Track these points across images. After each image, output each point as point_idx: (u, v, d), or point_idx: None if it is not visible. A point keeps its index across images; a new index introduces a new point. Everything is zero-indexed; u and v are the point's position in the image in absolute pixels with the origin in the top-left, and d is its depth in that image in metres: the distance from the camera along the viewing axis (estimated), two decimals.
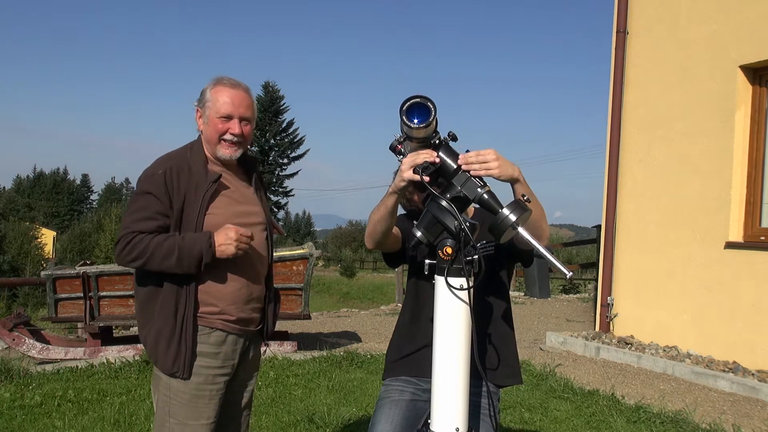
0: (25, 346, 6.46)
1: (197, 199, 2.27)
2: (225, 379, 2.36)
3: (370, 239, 2.16)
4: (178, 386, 2.28)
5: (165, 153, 2.42)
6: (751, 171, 6.00)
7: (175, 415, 2.29)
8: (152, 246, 2.20)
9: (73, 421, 4.38)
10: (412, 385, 2.26)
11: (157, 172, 2.28)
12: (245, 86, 2.38)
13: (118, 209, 41.83)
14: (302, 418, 4.40)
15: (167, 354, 2.25)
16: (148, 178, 2.29)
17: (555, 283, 13.73)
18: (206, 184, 2.28)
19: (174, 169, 2.28)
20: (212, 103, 2.31)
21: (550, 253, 1.76)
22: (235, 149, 2.35)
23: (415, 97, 1.79)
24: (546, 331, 7.67)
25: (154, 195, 2.25)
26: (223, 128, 2.31)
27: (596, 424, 4.45)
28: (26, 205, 71.18)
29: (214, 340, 2.32)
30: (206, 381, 2.30)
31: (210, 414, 2.31)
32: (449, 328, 1.83)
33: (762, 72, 6.00)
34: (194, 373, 2.28)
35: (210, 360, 2.30)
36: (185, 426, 2.28)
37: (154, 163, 2.36)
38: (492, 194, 1.82)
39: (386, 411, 2.22)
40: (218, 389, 2.34)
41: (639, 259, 6.90)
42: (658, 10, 6.85)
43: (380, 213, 2.04)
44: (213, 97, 2.32)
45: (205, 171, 2.31)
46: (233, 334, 2.36)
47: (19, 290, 26.01)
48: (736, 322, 5.91)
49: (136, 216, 2.27)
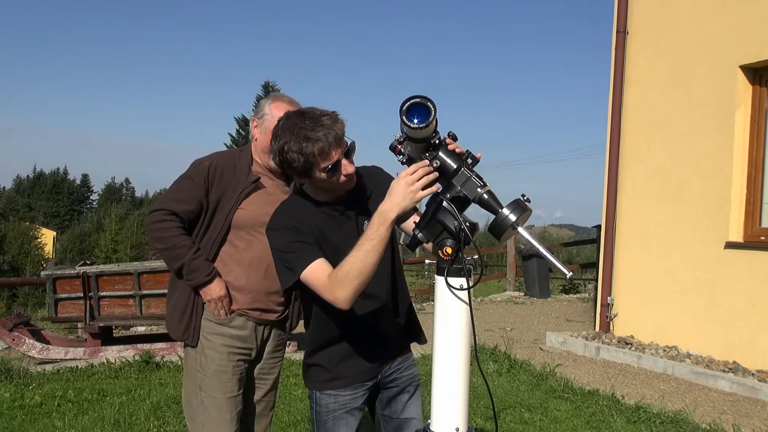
0: (25, 346, 6.46)
1: (234, 194, 2.54)
2: (244, 359, 2.64)
3: (356, 294, 1.88)
4: (204, 363, 2.59)
5: (218, 150, 2.78)
6: (751, 171, 6.00)
7: (204, 389, 2.59)
8: (171, 243, 2.52)
9: (73, 421, 4.38)
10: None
11: (203, 163, 2.58)
12: (299, 105, 2.59)
13: (118, 209, 41.79)
14: (302, 418, 4.40)
15: (180, 323, 2.60)
16: (195, 167, 2.60)
17: (555, 283, 13.72)
18: (246, 183, 2.56)
19: (220, 165, 2.57)
20: (270, 117, 2.53)
21: (550, 253, 1.75)
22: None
23: (415, 97, 1.78)
24: (546, 331, 7.67)
25: (195, 182, 2.55)
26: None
27: (596, 424, 4.45)
28: (26, 205, 71.14)
29: (231, 324, 2.59)
30: (227, 358, 2.58)
31: (234, 388, 2.60)
32: (449, 328, 1.83)
33: (762, 72, 6.01)
34: (215, 350, 2.58)
35: (228, 340, 2.59)
36: (212, 398, 2.57)
37: (208, 155, 2.65)
38: (492, 194, 1.81)
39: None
40: (238, 366, 2.61)
41: (639, 259, 6.90)
42: (658, 10, 6.85)
43: (378, 253, 1.85)
44: (271, 111, 2.55)
45: (248, 171, 2.59)
46: (251, 320, 2.62)
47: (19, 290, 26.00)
48: (736, 322, 5.91)
49: (173, 195, 2.59)
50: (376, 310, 2.15)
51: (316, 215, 2.09)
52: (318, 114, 1.97)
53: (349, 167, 2.02)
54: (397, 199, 1.81)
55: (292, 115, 2.00)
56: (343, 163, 2.00)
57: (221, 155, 2.65)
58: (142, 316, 6.66)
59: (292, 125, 1.96)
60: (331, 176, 1.99)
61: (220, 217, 2.55)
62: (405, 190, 1.79)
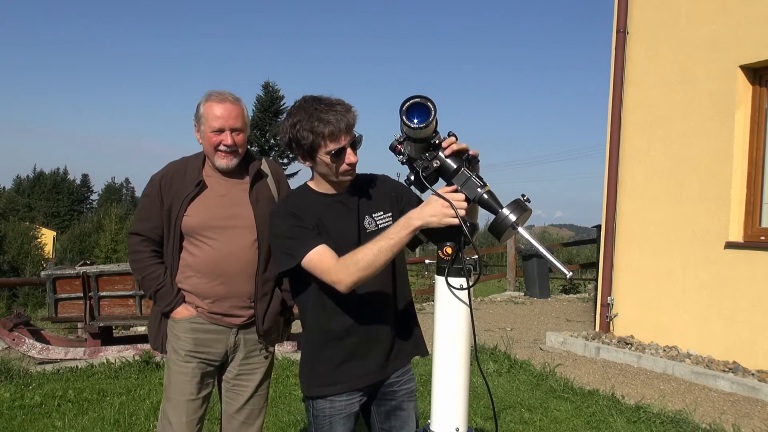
0: (25, 346, 6.46)
1: (179, 201, 2.54)
2: (207, 363, 2.62)
3: (359, 283, 1.93)
4: (168, 364, 2.64)
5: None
6: (751, 171, 6.00)
7: (167, 389, 2.65)
8: (143, 274, 2.62)
9: (73, 421, 4.38)
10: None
11: (156, 177, 2.61)
12: (233, 98, 2.56)
13: (118, 209, 41.88)
14: (302, 418, 4.40)
15: (152, 331, 2.69)
16: (149, 182, 2.63)
17: (555, 283, 13.71)
18: (190, 188, 2.54)
19: (169, 174, 2.59)
20: (205, 119, 2.51)
21: (550, 253, 1.75)
22: (230, 158, 2.55)
23: (415, 97, 1.78)
24: (546, 331, 7.67)
25: (150, 198, 2.60)
26: (216, 141, 2.52)
27: (596, 424, 4.45)
28: (26, 205, 71.14)
29: (191, 326, 2.59)
30: (185, 359, 2.59)
31: (192, 390, 2.59)
32: (449, 328, 1.83)
33: (762, 72, 6.00)
34: (175, 351, 2.60)
35: (187, 343, 2.59)
36: (170, 400, 2.61)
37: (164, 167, 2.66)
38: (492, 194, 1.82)
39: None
40: (198, 368, 2.59)
41: (639, 259, 6.90)
42: (658, 10, 6.85)
43: (391, 254, 1.89)
44: (205, 112, 2.52)
45: (196, 176, 2.56)
46: (213, 324, 2.60)
47: (19, 290, 26.02)
48: (736, 322, 5.91)
49: (138, 216, 2.68)
50: (373, 317, 2.14)
51: (317, 205, 2.12)
52: (333, 101, 2.05)
53: (352, 157, 2.06)
54: (428, 212, 1.82)
55: (308, 98, 2.08)
56: (348, 151, 2.04)
57: (174, 164, 2.65)
58: (142, 316, 6.66)
59: (308, 105, 2.04)
60: (334, 161, 2.04)
61: (172, 226, 2.56)
62: (440, 209, 1.80)
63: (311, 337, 2.18)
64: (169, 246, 2.58)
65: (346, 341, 2.13)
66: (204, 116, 2.51)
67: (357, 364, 2.15)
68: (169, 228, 2.56)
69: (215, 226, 2.53)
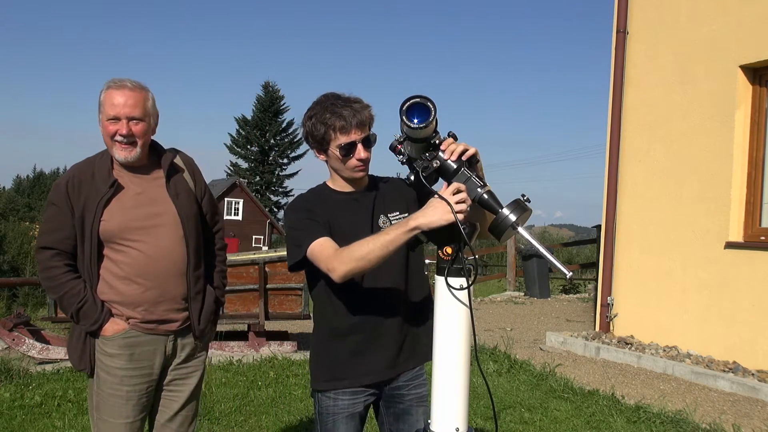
0: (25, 346, 6.46)
1: (93, 206, 2.31)
2: (144, 380, 2.41)
3: (351, 274, 1.95)
4: (98, 384, 2.39)
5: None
6: (751, 171, 6.00)
7: (98, 410, 2.41)
8: (60, 292, 2.35)
9: (73, 421, 4.38)
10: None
11: (61, 183, 2.36)
12: (132, 84, 2.34)
13: None
14: (302, 418, 4.40)
15: (74, 351, 2.41)
16: (54, 189, 2.38)
17: (555, 283, 13.70)
18: (104, 190, 2.33)
19: (76, 178, 2.35)
20: (102, 107, 2.33)
21: (550, 253, 1.75)
22: (129, 150, 2.34)
23: (415, 97, 1.78)
24: (546, 331, 7.67)
25: (58, 206, 2.35)
26: (112, 130, 2.31)
27: (596, 424, 4.45)
28: (26, 205, 71.06)
29: (125, 342, 2.37)
30: (121, 382, 2.37)
31: (129, 413, 2.38)
32: (449, 328, 1.83)
33: (762, 72, 6.00)
34: (108, 372, 2.38)
35: (122, 362, 2.37)
36: (105, 422, 2.39)
37: (68, 170, 2.43)
38: (492, 194, 1.81)
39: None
40: (135, 391, 2.39)
41: (639, 259, 6.90)
42: (658, 10, 6.85)
43: (386, 250, 1.88)
44: (102, 100, 2.33)
45: (107, 177, 2.35)
46: (149, 334, 2.40)
47: (19, 290, 25.99)
48: (736, 322, 5.91)
49: (45, 227, 2.40)
50: (380, 316, 2.15)
51: (331, 202, 2.16)
52: (351, 98, 2.10)
53: (363, 153, 2.08)
54: (427, 213, 1.80)
55: (329, 94, 2.12)
56: (359, 147, 2.07)
57: (78, 167, 2.40)
58: None
59: (325, 101, 2.09)
60: (344, 154, 2.07)
61: (87, 234, 2.32)
62: (439, 211, 1.78)
63: (319, 332, 2.24)
64: (86, 257, 2.35)
65: (351, 338, 2.15)
66: (101, 104, 2.32)
67: (361, 362, 2.15)
68: (84, 236, 2.33)
69: (137, 228, 2.34)
